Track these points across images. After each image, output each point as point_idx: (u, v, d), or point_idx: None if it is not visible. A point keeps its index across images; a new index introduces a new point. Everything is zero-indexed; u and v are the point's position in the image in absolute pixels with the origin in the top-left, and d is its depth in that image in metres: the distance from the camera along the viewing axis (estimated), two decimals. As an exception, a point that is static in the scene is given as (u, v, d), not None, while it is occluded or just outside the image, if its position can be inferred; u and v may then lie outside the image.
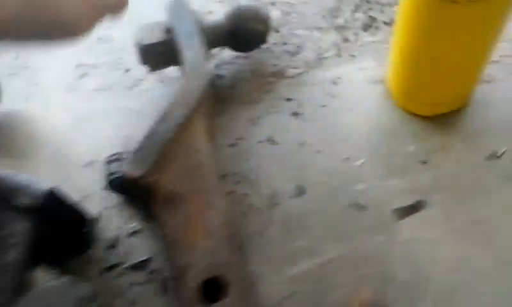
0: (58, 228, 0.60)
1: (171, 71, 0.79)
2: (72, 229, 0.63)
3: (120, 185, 0.66)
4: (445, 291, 0.55)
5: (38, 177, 0.57)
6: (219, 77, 0.78)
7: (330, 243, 0.60)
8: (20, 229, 0.55)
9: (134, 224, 0.65)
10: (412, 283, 0.56)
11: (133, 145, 0.56)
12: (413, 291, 0.56)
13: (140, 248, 0.63)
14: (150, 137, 0.55)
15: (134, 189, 0.55)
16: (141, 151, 0.54)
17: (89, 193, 0.67)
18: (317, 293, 0.57)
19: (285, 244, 0.61)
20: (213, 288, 0.49)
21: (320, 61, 0.78)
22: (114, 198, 0.67)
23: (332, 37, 0.81)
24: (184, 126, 0.57)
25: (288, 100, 0.73)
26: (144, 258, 0.62)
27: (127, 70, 0.82)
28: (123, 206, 0.67)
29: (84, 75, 0.82)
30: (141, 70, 0.81)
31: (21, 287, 0.52)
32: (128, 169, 0.53)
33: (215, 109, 0.70)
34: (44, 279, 0.54)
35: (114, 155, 0.66)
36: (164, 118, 0.57)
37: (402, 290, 0.56)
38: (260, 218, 0.63)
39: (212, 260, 0.50)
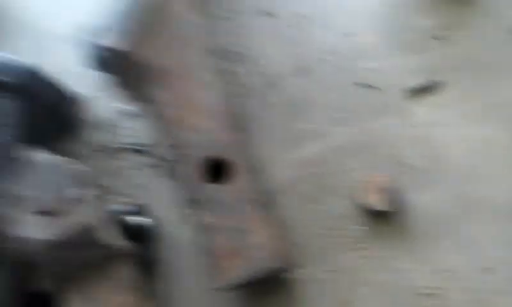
0: (44, 107, 0.54)
1: None
2: (58, 108, 0.56)
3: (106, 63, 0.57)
4: (464, 174, 0.51)
5: (19, 56, 0.52)
6: None
7: (336, 125, 0.55)
8: (5, 107, 0.48)
9: (126, 106, 0.58)
10: (429, 167, 0.52)
11: (116, 17, 0.48)
12: (430, 175, 0.51)
13: (136, 131, 0.58)
14: (132, 7, 0.46)
15: (123, 66, 0.47)
16: (125, 24, 0.45)
17: (71, 71, 0.59)
18: (324, 177, 0.53)
19: (288, 127, 0.55)
20: (218, 170, 0.44)
21: None
22: (102, 78, 0.59)
23: None
24: None
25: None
26: (141, 141, 0.57)
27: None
28: (113, 87, 0.59)
29: None
30: None
31: (14, 165, 0.46)
32: (112, 43, 0.45)
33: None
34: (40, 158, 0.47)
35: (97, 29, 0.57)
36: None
37: (418, 174, 0.52)
38: (259, 99, 0.56)
39: (213, 139, 0.44)
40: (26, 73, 0.51)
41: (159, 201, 0.54)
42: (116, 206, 0.48)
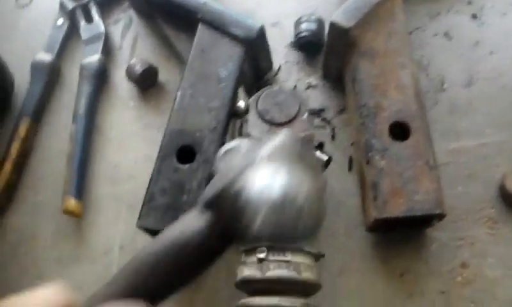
0: (256, 61, 0.72)
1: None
2: (262, 67, 0.74)
3: (306, 43, 0.76)
4: None
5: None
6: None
7: (493, 129, 0.66)
8: (235, 52, 0.67)
9: (311, 80, 0.75)
10: None
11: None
12: None
13: (315, 99, 0.73)
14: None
15: (338, 39, 0.64)
16: (351, 6, 0.62)
17: (274, 48, 0.77)
18: (473, 166, 0.64)
19: (448, 123, 0.68)
20: (400, 131, 0.58)
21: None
22: (296, 55, 0.77)
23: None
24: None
25: (469, 3, 0.77)
26: (318, 107, 0.72)
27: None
28: (304, 64, 0.77)
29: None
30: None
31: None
32: (339, 19, 0.62)
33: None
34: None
35: (303, 16, 0.75)
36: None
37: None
38: (427, 98, 0.69)
39: (401, 108, 0.59)
40: (254, 31, 0.66)
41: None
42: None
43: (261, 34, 0.68)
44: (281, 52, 0.78)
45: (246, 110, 0.61)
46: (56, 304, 0.25)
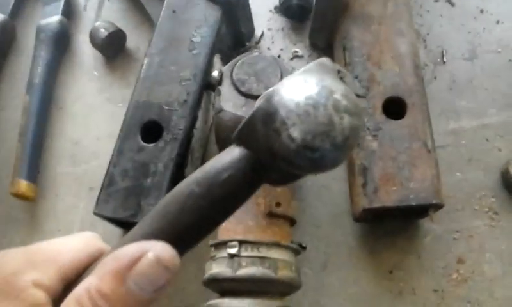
0: (235, 26, 0.64)
1: None
2: (242, 32, 0.66)
3: (293, 8, 0.67)
4: None
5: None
6: None
7: (496, 108, 0.59)
8: (211, 14, 0.59)
9: (297, 49, 0.67)
10: None
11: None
12: None
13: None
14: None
15: (328, 2, 0.55)
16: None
17: (257, 12, 0.69)
18: (473, 150, 0.57)
19: (447, 101, 0.61)
20: (395, 107, 0.51)
21: None
22: (281, 21, 0.69)
23: None
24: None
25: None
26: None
27: None
28: (290, 31, 0.69)
29: None
30: None
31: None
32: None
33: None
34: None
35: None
36: None
37: None
38: (427, 72, 0.62)
39: (398, 81, 0.51)
40: None
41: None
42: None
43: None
44: (264, 17, 0.70)
45: (220, 81, 0.52)
46: (92, 246, 0.28)
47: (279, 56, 0.67)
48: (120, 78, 0.69)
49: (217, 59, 0.61)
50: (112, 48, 0.69)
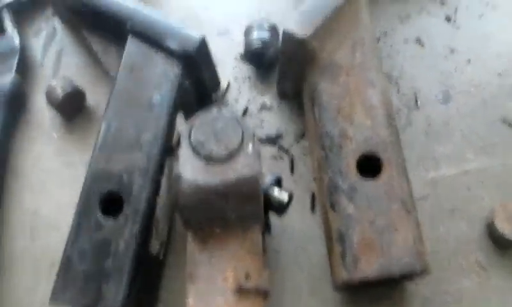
0: (198, 80, 0.60)
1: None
2: (206, 86, 0.62)
3: (258, 55, 0.64)
4: None
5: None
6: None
7: (475, 154, 0.57)
8: (171, 71, 0.55)
9: (265, 99, 0.64)
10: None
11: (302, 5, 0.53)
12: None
13: (271, 124, 0.62)
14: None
15: (294, 52, 0.52)
16: (307, 13, 0.51)
17: (223, 61, 0.66)
18: (455, 199, 0.55)
19: (425, 148, 0.58)
20: (368, 164, 0.48)
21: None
22: (247, 70, 0.66)
23: None
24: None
25: (442, 3, 0.67)
26: (274, 133, 0.61)
27: None
28: (256, 79, 0.65)
29: None
30: None
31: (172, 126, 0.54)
32: (294, 28, 0.51)
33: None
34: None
35: (254, 24, 0.64)
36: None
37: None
38: (402, 117, 0.60)
39: (371, 135, 0.48)
40: (194, 44, 0.54)
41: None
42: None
43: (202, 47, 0.56)
44: (229, 65, 0.67)
45: (178, 143, 0.48)
46: None
47: (246, 109, 0.64)
48: (79, 139, 0.64)
49: (180, 119, 0.57)
50: (71, 107, 0.65)
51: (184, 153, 0.47)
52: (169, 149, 0.53)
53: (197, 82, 0.61)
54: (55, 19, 0.74)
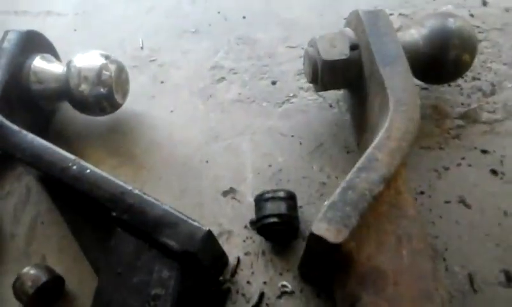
0: (201, 278, 0.49)
1: (332, 93, 0.66)
2: (211, 275, 0.50)
3: (273, 231, 0.53)
4: None
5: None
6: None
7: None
8: (169, 276, 0.44)
9: (285, 283, 0.52)
10: None
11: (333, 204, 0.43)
12: None
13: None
14: (347, 190, 0.42)
15: (323, 254, 0.41)
16: (336, 208, 0.41)
17: (229, 230, 0.55)
18: None
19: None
20: None
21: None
22: (259, 242, 0.55)
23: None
24: (390, 179, 0.43)
25: (484, 152, 0.58)
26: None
27: (274, 82, 0.69)
28: (272, 254, 0.54)
29: (220, 80, 0.70)
30: (292, 83, 0.69)
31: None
32: (324, 231, 0.40)
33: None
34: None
35: (266, 193, 0.53)
36: (365, 166, 0.43)
37: None
38: (459, 302, 0.48)
39: None
40: (197, 238, 0.44)
41: None
42: None
43: (207, 241, 0.45)
44: (239, 237, 0.56)
45: None
46: None
47: (262, 295, 0.52)
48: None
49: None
50: (46, 299, 0.53)
51: None
52: None
53: (199, 274, 0.49)
54: (28, 178, 0.63)
